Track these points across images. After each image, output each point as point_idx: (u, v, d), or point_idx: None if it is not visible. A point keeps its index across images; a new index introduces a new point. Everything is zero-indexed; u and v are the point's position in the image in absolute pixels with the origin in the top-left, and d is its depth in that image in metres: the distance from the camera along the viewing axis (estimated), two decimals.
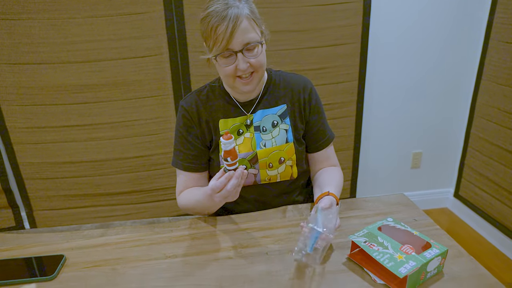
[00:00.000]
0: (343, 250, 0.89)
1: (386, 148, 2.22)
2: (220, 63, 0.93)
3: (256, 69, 0.94)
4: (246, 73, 0.93)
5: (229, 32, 0.86)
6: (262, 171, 1.04)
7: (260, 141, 1.03)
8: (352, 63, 1.91)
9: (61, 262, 0.87)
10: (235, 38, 0.88)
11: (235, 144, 0.86)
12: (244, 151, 1.03)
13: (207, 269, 0.84)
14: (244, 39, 0.89)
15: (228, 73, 0.93)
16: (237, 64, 0.91)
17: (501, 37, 1.88)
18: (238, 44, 0.89)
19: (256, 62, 0.93)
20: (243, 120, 1.04)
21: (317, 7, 1.77)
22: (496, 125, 1.95)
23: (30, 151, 1.80)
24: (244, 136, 1.04)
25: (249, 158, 1.03)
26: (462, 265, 0.83)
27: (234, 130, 1.04)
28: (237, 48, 0.90)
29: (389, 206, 1.07)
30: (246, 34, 0.89)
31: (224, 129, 1.04)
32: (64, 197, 1.91)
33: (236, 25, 0.86)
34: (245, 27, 0.88)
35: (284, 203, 1.11)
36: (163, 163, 1.92)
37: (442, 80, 2.12)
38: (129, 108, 1.80)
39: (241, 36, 0.88)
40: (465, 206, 2.24)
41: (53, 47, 1.65)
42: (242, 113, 1.05)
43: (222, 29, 0.86)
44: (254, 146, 1.03)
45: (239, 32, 0.87)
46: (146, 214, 2.01)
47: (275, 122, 1.04)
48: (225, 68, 0.93)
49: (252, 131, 1.04)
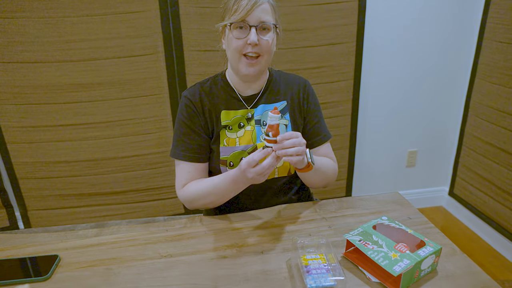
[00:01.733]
0: (338, 248, 0.89)
1: (382, 146, 2.23)
2: (234, 33, 0.96)
3: (263, 53, 0.98)
4: (253, 51, 0.96)
5: (251, 5, 0.93)
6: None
7: (260, 134, 1.06)
8: (347, 62, 1.92)
9: (56, 262, 0.87)
10: (254, 12, 0.94)
11: (278, 123, 0.87)
12: (244, 144, 1.05)
13: (202, 268, 0.84)
14: (261, 17, 0.95)
15: (237, 46, 0.96)
16: (248, 37, 0.95)
17: (494, 36, 1.90)
18: (255, 19, 0.95)
19: (265, 44, 0.97)
20: (244, 114, 1.07)
21: (312, 6, 1.77)
22: (490, 123, 1.96)
23: (24, 150, 1.79)
24: (245, 129, 1.06)
25: (249, 150, 1.05)
26: (456, 263, 0.83)
27: (235, 123, 1.06)
28: (253, 23, 0.95)
29: (384, 204, 1.08)
30: (264, 14, 0.95)
31: (226, 120, 1.05)
32: (59, 197, 1.90)
33: (258, 2, 0.94)
34: (265, 8, 0.95)
35: (281, 201, 1.12)
36: (158, 162, 1.92)
37: (436, 79, 2.14)
38: (125, 107, 1.80)
39: (259, 13, 0.94)
40: (459, 204, 2.26)
41: (47, 46, 1.64)
42: (244, 106, 1.07)
43: (245, 1, 0.93)
44: (255, 139, 1.06)
45: (259, 9, 0.94)
46: (142, 214, 2.00)
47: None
48: (236, 41, 0.96)
49: (253, 124, 1.06)
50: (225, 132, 1.06)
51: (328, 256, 0.82)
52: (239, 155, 1.05)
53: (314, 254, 0.83)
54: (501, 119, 1.89)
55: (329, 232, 0.96)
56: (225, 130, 1.06)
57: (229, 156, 1.05)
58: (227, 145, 1.05)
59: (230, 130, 1.06)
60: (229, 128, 1.06)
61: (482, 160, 2.04)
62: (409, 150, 2.28)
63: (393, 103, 2.14)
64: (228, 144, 1.05)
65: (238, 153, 1.05)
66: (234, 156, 1.05)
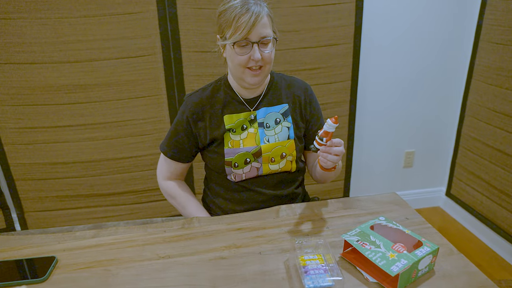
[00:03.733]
0: (336, 249, 0.89)
1: (379, 147, 2.24)
2: (237, 51, 0.99)
3: (266, 64, 1.01)
4: (257, 65, 0.99)
5: (252, 23, 0.94)
6: (264, 165, 1.09)
7: (263, 136, 1.09)
8: (345, 63, 1.93)
9: (53, 263, 0.86)
10: (255, 29, 0.96)
11: (333, 131, 0.94)
12: (248, 145, 1.08)
13: (200, 269, 0.84)
14: (262, 33, 0.97)
15: (241, 62, 0.99)
16: (251, 54, 0.98)
17: (490, 38, 1.91)
18: (256, 36, 0.97)
19: (267, 56, 1.00)
20: (246, 116, 1.09)
21: (310, 8, 1.78)
22: (487, 124, 1.97)
23: (22, 151, 1.78)
24: (248, 131, 1.09)
25: (253, 152, 1.08)
26: (453, 262, 0.84)
27: (238, 125, 1.09)
28: (254, 40, 0.97)
29: (381, 205, 1.08)
30: (264, 29, 0.97)
31: (230, 124, 1.08)
32: (56, 198, 1.89)
33: (258, 19, 0.95)
34: (264, 22, 0.97)
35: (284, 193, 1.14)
36: (156, 164, 1.91)
37: (433, 80, 2.15)
38: (122, 108, 1.79)
39: (260, 29, 0.96)
40: (456, 204, 2.26)
41: (45, 47, 1.64)
42: (246, 109, 1.10)
43: (245, 19, 0.94)
44: (258, 141, 1.08)
45: (259, 26, 0.96)
46: (140, 215, 2.00)
47: (278, 119, 1.10)
48: (239, 57, 0.99)
49: (256, 126, 1.09)
50: (229, 135, 1.08)
51: (326, 256, 0.83)
52: (244, 156, 1.07)
53: (312, 254, 0.83)
54: (498, 120, 1.90)
55: (327, 233, 0.96)
56: (229, 133, 1.08)
57: (234, 158, 1.07)
58: (232, 147, 1.08)
59: (233, 132, 1.08)
60: (232, 131, 1.08)
61: (479, 161, 2.05)
62: (406, 150, 2.29)
63: (390, 103, 2.15)
64: (232, 146, 1.08)
65: (242, 154, 1.07)
66: (238, 157, 1.07)
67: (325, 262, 0.81)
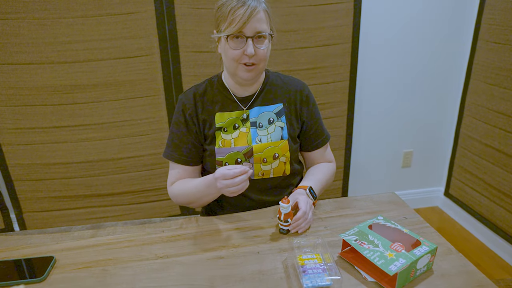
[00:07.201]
0: (334, 248, 0.89)
1: (377, 147, 2.24)
2: (230, 44, 0.96)
3: (260, 61, 0.99)
4: (250, 61, 0.97)
5: (247, 16, 0.93)
6: (256, 166, 1.07)
7: (256, 136, 1.06)
8: (343, 63, 1.93)
9: (51, 263, 0.86)
10: (250, 23, 0.93)
11: (290, 210, 0.94)
12: (239, 145, 1.06)
13: (198, 269, 0.84)
14: (257, 27, 0.95)
15: (234, 56, 0.97)
16: (245, 49, 0.96)
17: (489, 37, 1.91)
18: (251, 30, 0.95)
19: (262, 53, 0.98)
20: (239, 115, 1.07)
21: (307, 7, 1.78)
22: (485, 124, 1.98)
23: (20, 152, 1.78)
24: (240, 130, 1.07)
25: (244, 151, 1.05)
26: (451, 262, 0.84)
27: (230, 124, 1.07)
28: (249, 34, 0.95)
29: (379, 204, 1.08)
30: (260, 24, 0.95)
31: (220, 122, 1.06)
32: (55, 199, 1.89)
33: (254, 13, 0.93)
34: (260, 17, 0.95)
35: (278, 198, 1.12)
36: (154, 164, 1.91)
37: (432, 80, 2.15)
38: (120, 108, 1.79)
39: (255, 23, 0.94)
40: (455, 204, 2.27)
41: (42, 47, 1.64)
42: (239, 107, 1.08)
43: (240, 12, 0.93)
44: (250, 141, 1.06)
45: (254, 20, 0.94)
46: (138, 215, 2.00)
47: (271, 119, 1.08)
48: (232, 51, 0.97)
49: (248, 126, 1.07)
50: (220, 134, 1.06)
51: (324, 255, 0.83)
52: (235, 156, 1.05)
53: (310, 254, 0.83)
54: (496, 119, 1.90)
55: (325, 232, 0.96)
56: (220, 131, 1.06)
57: (224, 157, 1.05)
58: (223, 146, 1.06)
59: (225, 131, 1.06)
60: (224, 130, 1.06)
61: (478, 161, 2.05)
62: (405, 150, 2.29)
63: (388, 103, 2.15)
64: (223, 146, 1.06)
65: (233, 154, 1.05)
66: (229, 156, 1.05)
67: (323, 261, 0.81)
